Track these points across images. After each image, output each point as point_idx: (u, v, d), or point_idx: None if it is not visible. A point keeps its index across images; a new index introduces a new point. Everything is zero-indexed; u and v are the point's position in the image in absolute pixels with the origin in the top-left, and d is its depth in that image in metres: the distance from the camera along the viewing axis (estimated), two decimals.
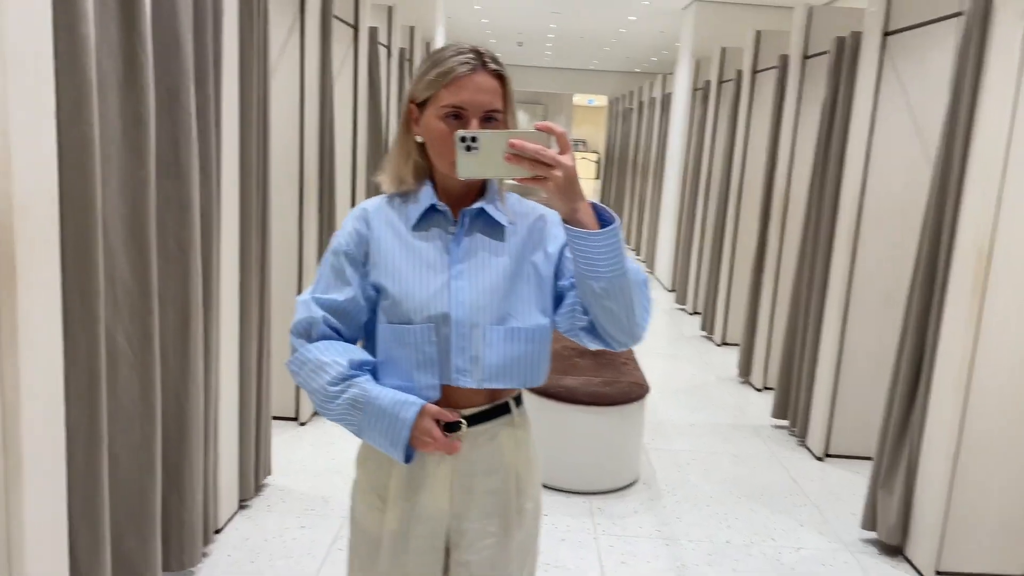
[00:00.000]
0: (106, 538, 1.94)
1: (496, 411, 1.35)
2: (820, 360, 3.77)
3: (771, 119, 4.74)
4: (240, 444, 2.86)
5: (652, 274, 9.08)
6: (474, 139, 1.14)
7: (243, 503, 2.98)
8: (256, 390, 2.95)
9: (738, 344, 5.40)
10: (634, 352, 3.91)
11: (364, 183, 4.53)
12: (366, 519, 1.37)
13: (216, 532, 2.74)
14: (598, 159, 18.96)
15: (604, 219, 1.17)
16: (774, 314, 4.69)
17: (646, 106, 10.33)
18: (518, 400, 1.40)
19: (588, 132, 25.23)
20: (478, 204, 1.31)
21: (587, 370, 3.42)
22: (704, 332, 6.27)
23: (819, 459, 3.77)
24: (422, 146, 1.31)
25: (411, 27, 6.05)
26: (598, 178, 17.97)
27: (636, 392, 3.32)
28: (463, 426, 1.31)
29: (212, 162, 2.38)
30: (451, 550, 1.36)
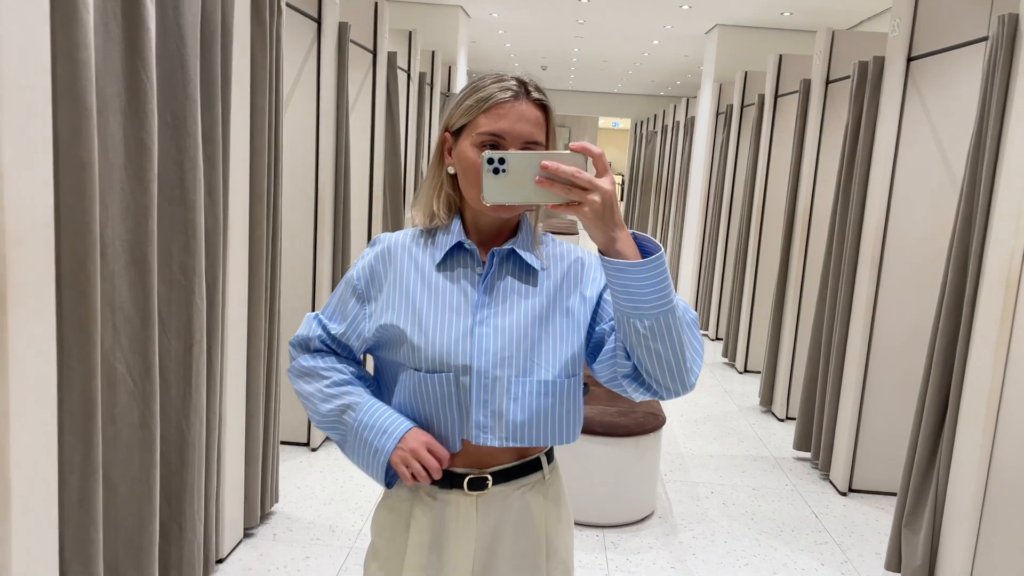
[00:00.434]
0: (99, 572, 1.90)
1: (524, 468, 1.25)
2: (843, 390, 3.66)
3: (793, 144, 4.67)
4: (246, 471, 2.82)
5: None
6: (502, 161, 1.04)
7: (248, 531, 2.93)
8: (264, 416, 2.91)
9: (760, 372, 5.29)
10: None
11: (381, 209, 4.52)
12: None
13: (219, 562, 2.69)
14: (622, 181, 18.92)
15: (646, 250, 1.04)
16: (796, 342, 4.57)
17: (670, 129, 10.29)
18: (550, 456, 1.29)
19: (613, 155, 25.23)
20: (509, 244, 1.21)
21: (601, 399, 3.34)
22: (726, 359, 6.15)
23: (843, 494, 3.65)
24: (455, 178, 1.21)
25: (432, 52, 6.06)
26: (622, 200, 17.93)
27: (652, 423, 3.24)
28: (488, 482, 1.21)
29: (219, 187, 2.37)
30: None
